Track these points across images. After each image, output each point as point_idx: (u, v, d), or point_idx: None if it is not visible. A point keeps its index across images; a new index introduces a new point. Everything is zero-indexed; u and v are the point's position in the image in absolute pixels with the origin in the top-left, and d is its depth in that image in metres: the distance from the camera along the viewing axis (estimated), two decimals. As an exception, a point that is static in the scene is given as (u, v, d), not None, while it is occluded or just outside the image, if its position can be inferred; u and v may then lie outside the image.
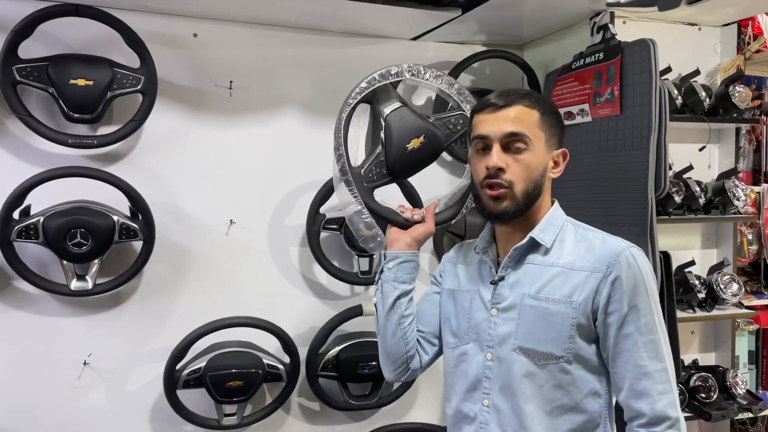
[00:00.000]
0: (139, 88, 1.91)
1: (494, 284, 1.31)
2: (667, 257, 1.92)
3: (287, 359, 2.09)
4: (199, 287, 2.13)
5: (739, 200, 2.07)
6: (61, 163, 1.90)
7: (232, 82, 2.15)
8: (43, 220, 1.81)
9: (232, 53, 2.16)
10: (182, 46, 2.10)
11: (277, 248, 2.24)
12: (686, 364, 2.19)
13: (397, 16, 2.05)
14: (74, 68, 1.83)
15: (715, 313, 2.11)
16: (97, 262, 1.91)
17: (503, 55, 2.33)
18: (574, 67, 2.05)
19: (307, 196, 2.18)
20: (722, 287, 2.09)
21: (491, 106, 1.27)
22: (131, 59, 1.91)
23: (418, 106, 2.39)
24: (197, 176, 2.13)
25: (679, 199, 2.00)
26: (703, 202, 2.06)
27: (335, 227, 2.15)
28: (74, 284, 1.90)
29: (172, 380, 1.96)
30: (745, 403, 2.11)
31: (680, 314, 2.03)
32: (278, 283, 2.24)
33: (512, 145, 1.24)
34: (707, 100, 2.06)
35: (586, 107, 1.98)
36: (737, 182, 2.09)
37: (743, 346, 2.34)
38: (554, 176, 1.31)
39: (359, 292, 2.34)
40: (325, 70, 2.27)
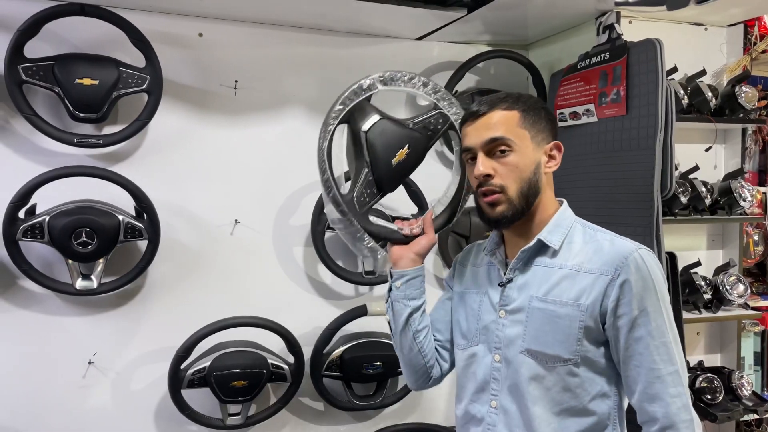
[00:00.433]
0: (144, 87, 1.91)
1: (502, 286, 1.30)
2: (672, 258, 1.91)
3: (291, 359, 2.09)
4: (203, 287, 2.14)
5: (745, 201, 2.06)
6: (66, 162, 1.91)
7: (237, 81, 2.15)
8: (48, 219, 1.81)
9: (237, 53, 2.16)
10: (187, 45, 2.10)
11: (281, 248, 2.24)
12: (692, 365, 2.18)
13: (402, 15, 2.05)
14: (80, 68, 1.84)
15: (720, 314, 2.10)
16: (102, 261, 1.91)
17: (508, 55, 2.32)
18: (579, 67, 2.04)
19: (311, 195, 2.18)
20: (728, 288, 2.08)
21: (472, 116, 1.28)
22: (137, 59, 1.92)
23: (423, 106, 2.39)
24: (202, 176, 2.13)
25: (685, 199, 1.99)
26: (709, 202, 2.05)
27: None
28: (79, 283, 1.90)
29: (176, 380, 1.96)
30: (750, 404, 2.09)
31: (686, 315, 2.02)
32: (283, 282, 2.24)
33: (495, 150, 1.24)
34: (713, 100, 2.06)
35: (591, 107, 1.98)
36: (743, 183, 2.08)
37: (749, 347, 2.33)
38: (550, 170, 1.30)
39: (364, 292, 2.34)
40: (330, 69, 2.27)
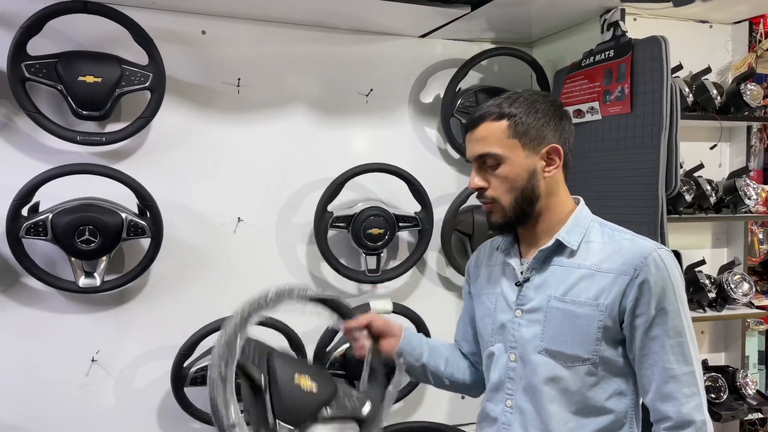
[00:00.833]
0: (147, 85, 1.91)
1: (519, 285, 1.30)
2: (677, 256, 1.91)
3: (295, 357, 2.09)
4: (206, 285, 2.13)
5: (750, 199, 2.05)
6: (69, 160, 1.91)
7: (240, 79, 2.15)
8: (51, 217, 1.81)
9: (240, 50, 2.15)
10: (190, 43, 2.10)
11: (284, 246, 2.24)
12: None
13: (405, 13, 2.04)
14: (83, 65, 1.83)
15: (725, 312, 2.09)
16: (105, 259, 1.91)
17: (512, 52, 2.31)
18: (583, 64, 2.03)
19: (314, 194, 2.18)
20: (733, 287, 2.07)
21: (468, 126, 1.30)
22: (139, 56, 1.91)
23: (426, 104, 2.39)
24: (205, 174, 2.13)
25: (689, 197, 1.98)
26: (713, 201, 2.04)
27: (343, 225, 2.14)
28: (82, 281, 1.90)
29: (179, 377, 1.96)
30: (755, 403, 2.09)
31: (690, 314, 2.00)
32: (285, 280, 2.23)
33: (485, 163, 1.26)
34: (718, 98, 2.05)
35: (595, 105, 1.97)
36: (748, 181, 2.07)
37: (753, 346, 2.32)
38: (549, 175, 1.26)
39: (366, 290, 2.34)
40: (333, 67, 2.26)
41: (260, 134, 2.19)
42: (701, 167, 2.04)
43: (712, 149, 2.20)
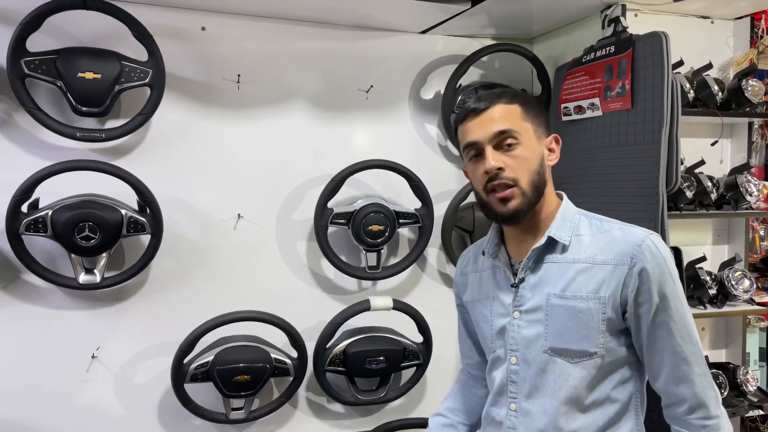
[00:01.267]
0: (147, 81, 1.90)
1: (515, 287, 1.29)
2: (678, 253, 1.90)
3: (294, 354, 2.09)
4: (206, 281, 2.13)
5: (751, 195, 2.05)
6: (69, 156, 1.91)
7: (240, 75, 2.15)
8: (51, 213, 1.81)
9: (240, 47, 2.15)
10: (190, 39, 2.09)
11: (284, 243, 2.23)
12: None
13: (405, 9, 2.04)
14: (82, 61, 1.83)
15: (726, 309, 2.08)
16: (105, 255, 1.91)
17: (513, 48, 2.31)
18: (584, 60, 2.03)
19: (315, 190, 2.17)
20: (733, 283, 2.07)
21: (472, 112, 1.26)
22: (139, 52, 1.91)
23: (426, 100, 2.38)
24: (205, 170, 2.13)
25: (690, 194, 1.98)
26: (714, 197, 2.03)
27: (343, 222, 2.14)
28: (82, 277, 1.90)
29: (179, 374, 1.96)
30: (755, 400, 2.08)
31: (691, 310, 2.00)
32: (286, 277, 2.24)
33: (503, 143, 1.23)
34: (720, 94, 2.04)
35: (596, 101, 1.97)
36: (749, 177, 2.06)
37: (754, 342, 2.32)
38: (551, 163, 1.30)
39: (367, 286, 2.34)
40: (333, 63, 2.26)
41: (260, 131, 2.19)
42: (702, 163, 2.03)
43: (713, 145, 2.19)
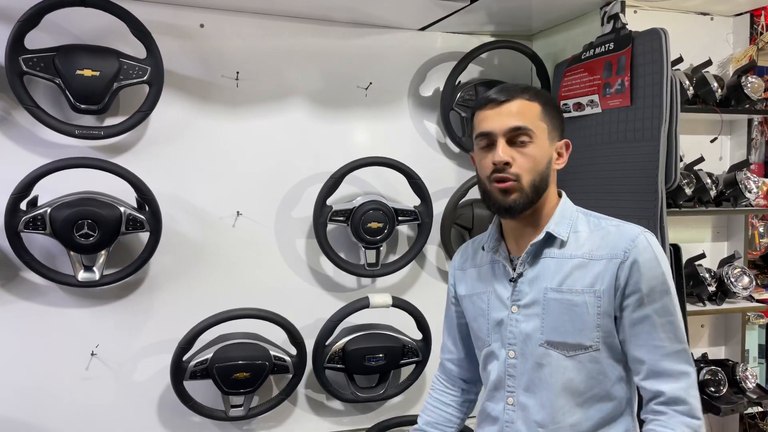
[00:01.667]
0: (145, 78, 1.90)
1: (513, 282, 1.30)
2: (677, 250, 1.90)
3: (294, 351, 2.09)
4: (205, 279, 2.13)
5: (750, 192, 2.05)
6: (67, 154, 1.90)
7: (238, 73, 2.14)
8: (50, 211, 1.81)
9: (238, 44, 2.14)
10: (188, 36, 2.09)
11: (283, 240, 2.23)
12: (696, 357, 2.17)
13: (404, 5, 2.04)
14: (81, 59, 1.83)
15: (725, 306, 2.09)
16: (104, 253, 1.90)
17: (512, 45, 2.30)
18: (583, 57, 2.02)
19: (314, 187, 2.17)
20: (733, 280, 2.07)
21: (492, 102, 1.26)
22: (138, 50, 1.91)
23: (425, 97, 2.38)
24: (204, 167, 2.13)
25: (689, 191, 1.98)
26: (714, 194, 2.04)
27: (342, 219, 2.14)
28: (81, 275, 1.90)
29: (179, 371, 1.96)
30: (755, 397, 2.09)
31: (690, 308, 2.01)
32: (285, 274, 2.24)
33: (517, 138, 1.24)
34: (719, 90, 2.04)
35: (595, 98, 1.96)
36: (749, 174, 2.06)
37: (753, 339, 2.32)
38: (558, 167, 1.31)
39: (366, 284, 2.34)
40: (332, 60, 2.26)
41: (259, 128, 2.18)
42: (701, 160, 2.03)
43: (712, 142, 2.19)
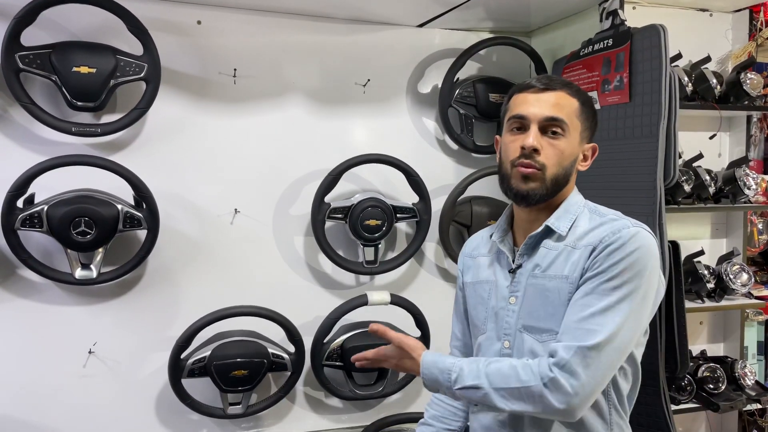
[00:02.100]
0: (142, 75, 1.89)
1: (512, 273, 1.30)
2: (676, 247, 1.90)
3: (292, 348, 2.09)
4: (203, 276, 2.13)
5: (749, 189, 2.04)
6: (64, 151, 1.90)
7: (236, 69, 2.13)
8: (47, 208, 1.80)
9: (236, 41, 2.14)
10: (186, 33, 2.08)
11: (282, 237, 2.23)
12: (694, 354, 2.16)
13: (403, 1, 2.03)
14: (77, 56, 1.82)
15: (724, 303, 2.08)
16: (101, 250, 1.90)
17: (511, 42, 2.30)
18: (582, 54, 2.02)
19: (312, 185, 2.16)
20: (731, 277, 2.06)
21: (533, 87, 1.26)
22: (134, 47, 1.90)
23: (424, 94, 2.38)
24: (201, 165, 2.12)
25: (688, 188, 1.97)
26: (713, 191, 2.03)
27: (340, 216, 2.14)
28: (79, 273, 1.89)
29: (177, 369, 1.96)
30: (753, 394, 2.09)
31: (689, 304, 2.00)
32: (283, 272, 2.23)
33: (549, 129, 1.23)
34: (718, 87, 2.03)
35: (594, 95, 1.96)
36: (748, 171, 2.06)
37: (752, 336, 2.32)
38: (582, 169, 1.31)
39: (364, 281, 2.33)
40: (330, 57, 2.25)
41: (257, 125, 2.18)
42: (700, 157, 2.03)
43: (711, 139, 2.18)
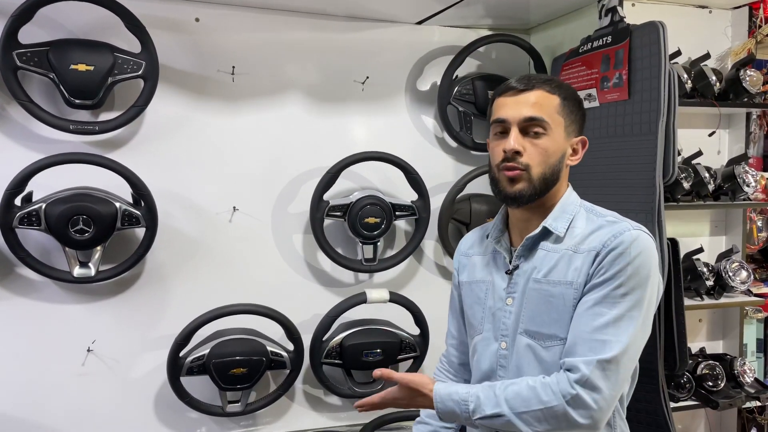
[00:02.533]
0: (140, 73, 1.89)
1: (509, 273, 1.30)
2: (675, 244, 1.89)
3: (291, 346, 2.08)
4: (202, 274, 2.13)
5: (749, 186, 2.04)
6: (62, 149, 1.90)
7: (234, 67, 2.13)
8: (45, 206, 1.80)
9: (234, 38, 2.13)
10: (184, 30, 2.08)
11: (280, 235, 2.23)
12: (693, 352, 2.16)
13: (401, -2, 2.03)
14: (75, 53, 1.82)
15: (723, 300, 2.08)
16: (99, 248, 1.90)
17: (510, 39, 2.29)
18: (581, 51, 2.01)
19: (310, 182, 2.16)
20: (731, 275, 2.06)
21: (511, 90, 1.26)
22: (132, 44, 1.89)
23: (423, 91, 2.37)
24: (200, 163, 2.12)
25: (687, 185, 1.97)
26: (712, 188, 2.03)
27: (339, 214, 2.13)
28: (77, 271, 1.89)
29: (175, 367, 1.95)
30: (752, 391, 2.08)
31: (688, 302, 2.00)
32: (282, 270, 2.23)
33: (530, 129, 1.23)
34: (717, 84, 2.03)
35: (593, 92, 1.95)
36: (747, 168, 2.05)
37: (751, 334, 2.32)
38: (572, 164, 1.30)
39: (363, 279, 2.33)
40: (328, 54, 2.24)
41: (255, 123, 2.17)
42: (700, 154, 2.02)
43: (710, 136, 2.18)
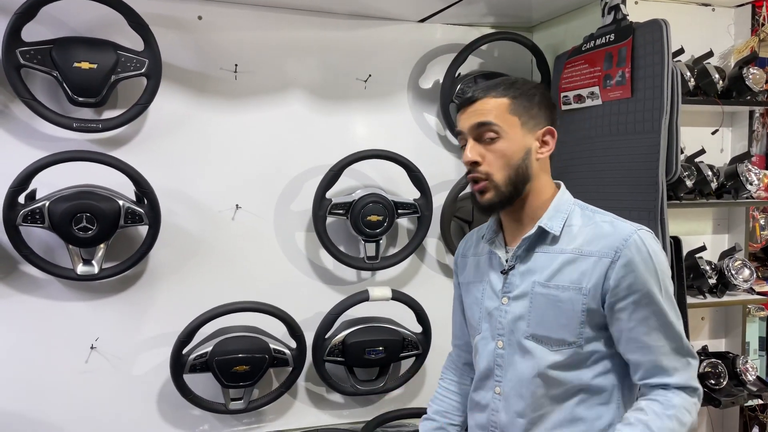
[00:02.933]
0: (143, 71, 1.89)
1: (505, 273, 1.31)
2: (677, 242, 1.89)
3: (294, 344, 2.09)
4: (205, 272, 2.13)
5: (751, 184, 2.03)
6: (65, 147, 1.90)
7: (237, 65, 2.13)
8: (48, 204, 1.80)
9: (237, 36, 2.13)
10: (187, 28, 2.08)
11: (283, 233, 2.23)
12: (696, 350, 2.16)
13: (404, -4, 2.02)
14: (78, 51, 1.82)
15: (725, 299, 2.08)
16: (103, 246, 1.90)
17: (512, 37, 2.29)
18: (584, 49, 2.01)
19: (313, 180, 2.16)
20: (733, 273, 2.06)
21: (465, 102, 1.29)
22: (135, 42, 1.89)
23: (425, 89, 2.37)
24: (203, 160, 2.12)
25: (690, 183, 1.97)
26: (715, 186, 2.02)
27: (342, 212, 2.13)
28: (80, 269, 1.90)
29: (178, 364, 1.96)
30: (755, 389, 2.08)
31: (690, 300, 2.00)
32: (284, 268, 2.23)
33: (484, 135, 1.25)
34: (720, 82, 2.02)
35: (596, 90, 1.95)
36: (750, 166, 2.05)
37: (754, 332, 2.32)
38: (542, 156, 1.28)
39: (366, 277, 2.33)
40: (331, 52, 2.24)
41: (258, 121, 2.17)
42: (702, 152, 2.02)
43: (713, 134, 2.18)
